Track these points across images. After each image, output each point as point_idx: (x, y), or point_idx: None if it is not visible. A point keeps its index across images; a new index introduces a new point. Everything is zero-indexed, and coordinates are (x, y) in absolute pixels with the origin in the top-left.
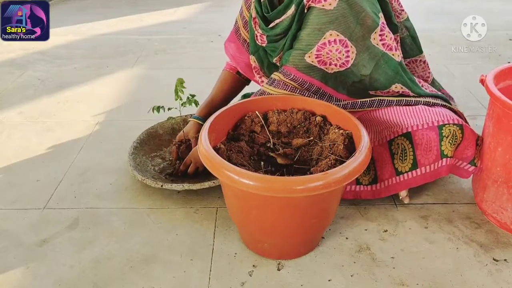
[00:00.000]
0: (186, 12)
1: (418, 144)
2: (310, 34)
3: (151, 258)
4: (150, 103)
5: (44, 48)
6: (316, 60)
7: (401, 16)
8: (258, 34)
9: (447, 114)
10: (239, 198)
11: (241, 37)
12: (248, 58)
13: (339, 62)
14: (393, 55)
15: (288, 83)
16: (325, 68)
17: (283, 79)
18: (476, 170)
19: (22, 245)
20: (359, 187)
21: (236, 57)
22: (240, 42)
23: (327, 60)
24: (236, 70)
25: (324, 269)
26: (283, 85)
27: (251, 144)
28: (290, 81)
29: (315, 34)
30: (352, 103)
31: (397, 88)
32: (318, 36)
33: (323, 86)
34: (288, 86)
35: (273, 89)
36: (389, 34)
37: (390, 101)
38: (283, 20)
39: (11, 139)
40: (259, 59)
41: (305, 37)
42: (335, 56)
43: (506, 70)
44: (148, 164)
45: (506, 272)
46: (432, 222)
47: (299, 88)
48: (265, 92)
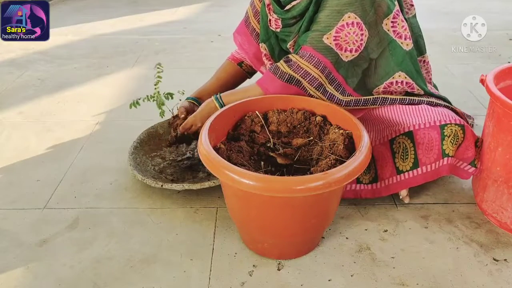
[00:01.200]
0: (186, 12)
1: (420, 143)
2: (329, 16)
3: (151, 258)
4: (150, 103)
5: (44, 48)
6: (334, 43)
7: (409, 12)
8: (273, 19)
9: (449, 114)
10: (239, 198)
11: (251, 26)
12: (256, 48)
13: (354, 46)
14: (401, 44)
15: (302, 66)
16: (340, 54)
17: (299, 60)
18: (476, 171)
19: (22, 245)
20: (359, 186)
21: (245, 47)
22: (249, 32)
23: (343, 44)
24: (238, 61)
25: (324, 269)
26: (296, 67)
27: (251, 144)
28: (305, 61)
29: (334, 16)
30: (356, 100)
31: (401, 78)
32: (337, 17)
33: (334, 71)
34: (301, 69)
35: (286, 68)
36: (401, 22)
37: (393, 99)
38: (299, 1)
39: (11, 139)
40: (270, 47)
41: (324, 18)
42: (352, 39)
43: (506, 70)
44: (148, 164)
45: (506, 272)
46: (432, 222)
47: (311, 72)
48: (278, 68)
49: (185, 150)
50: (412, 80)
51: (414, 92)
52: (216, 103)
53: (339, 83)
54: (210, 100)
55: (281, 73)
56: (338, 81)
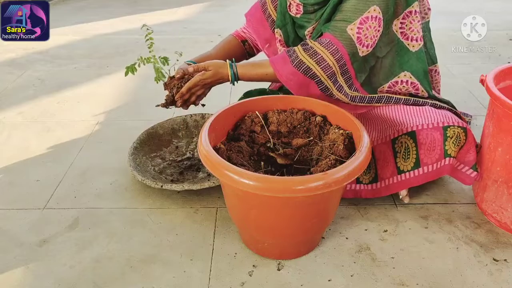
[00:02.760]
0: (186, 12)
1: (422, 143)
2: (355, 6)
3: (151, 258)
4: (150, 103)
5: (44, 48)
6: (356, 35)
7: (426, 17)
8: (294, 4)
9: (452, 116)
10: (239, 198)
11: (267, 11)
12: (270, 34)
13: (371, 42)
14: (408, 45)
15: (318, 52)
16: (358, 48)
17: (315, 45)
18: (478, 176)
19: (22, 245)
20: (359, 186)
21: (259, 31)
22: (265, 17)
23: (363, 38)
24: (242, 39)
25: (324, 269)
26: (313, 52)
27: (251, 144)
28: (323, 47)
29: (361, 6)
30: (361, 97)
31: (406, 77)
32: (364, 8)
33: (349, 63)
34: (318, 55)
35: (301, 52)
36: (410, 24)
37: (398, 98)
38: None
39: (11, 139)
40: (285, 34)
41: (350, 7)
42: (370, 34)
43: (506, 70)
44: (148, 165)
45: (506, 272)
46: (432, 222)
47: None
48: (294, 51)
49: (185, 150)
50: (418, 81)
51: (418, 93)
52: (230, 70)
53: (350, 76)
54: (223, 65)
55: (295, 57)
56: (349, 74)
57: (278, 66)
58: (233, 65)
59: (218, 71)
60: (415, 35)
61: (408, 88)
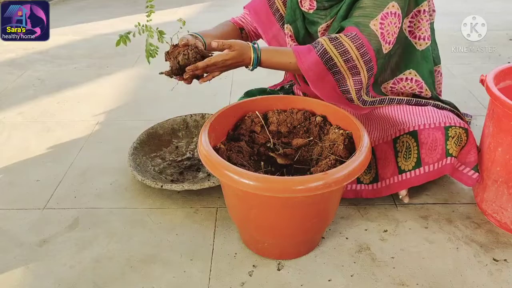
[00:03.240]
0: (186, 12)
1: (424, 143)
2: (374, 1)
3: (151, 258)
4: (150, 103)
5: (44, 48)
6: (380, 31)
7: (431, 18)
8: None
9: (454, 117)
10: (239, 198)
11: (275, 6)
12: (278, 29)
13: (392, 38)
14: (415, 44)
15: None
16: (382, 44)
17: (341, 37)
18: (479, 177)
19: (22, 245)
20: (360, 186)
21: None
22: (272, 12)
23: (385, 34)
24: (240, 26)
25: (324, 269)
26: (338, 43)
27: (251, 144)
28: (348, 39)
29: (380, 2)
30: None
31: (411, 75)
32: (383, 4)
33: (374, 60)
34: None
35: (327, 41)
36: (418, 23)
37: (400, 99)
38: None
39: (11, 139)
40: (295, 29)
41: (369, 3)
42: (391, 30)
43: (506, 70)
44: (148, 165)
45: (506, 272)
46: (432, 222)
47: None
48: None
49: (185, 150)
50: (422, 79)
51: (422, 92)
52: (253, 54)
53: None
54: (247, 47)
55: (320, 46)
56: (373, 72)
57: (302, 55)
58: (257, 48)
59: (242, 52)
60: (423, 34)
61: (412, 86)
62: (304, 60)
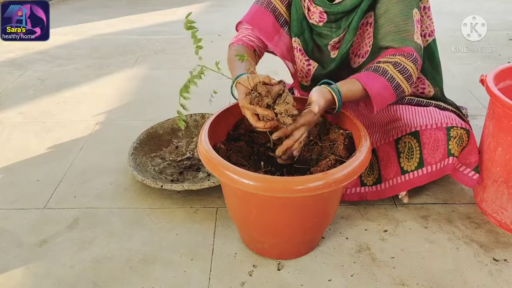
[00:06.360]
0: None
1: (426, 143)
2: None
3: (151, 258)
4: (150, 103)
5: (44, 48)
6: (420, 39)
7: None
8: (317, 12)
9: (456, 118)
10: (239, 198)
11: (282, 18)
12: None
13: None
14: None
15: (408, 68)
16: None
17: (405, 62)
18: (480, 178)
19: (22, 245)
20: (364, 189)
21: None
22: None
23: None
24: (253, 49)
25: (324, 269)
26: (403, 69)
27: (251, 144)
28: (410, 63)
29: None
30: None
31: None
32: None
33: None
34: (407, 71)
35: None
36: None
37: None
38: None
39: (11, 139)
40: (303, 42)
41: (398, 14)
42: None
43: (506, 70)
44: (148, 165)
45: (506, 272)
46: (432, 222)
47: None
48: (382, 67)
49: (185, 150)
50: (424, 76)
51: (424, 88)
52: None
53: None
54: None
55: (384, 72)
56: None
57: (368, 81)
58: (336, 89)
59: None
60: (424, 31)
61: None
62: (373, 86)
